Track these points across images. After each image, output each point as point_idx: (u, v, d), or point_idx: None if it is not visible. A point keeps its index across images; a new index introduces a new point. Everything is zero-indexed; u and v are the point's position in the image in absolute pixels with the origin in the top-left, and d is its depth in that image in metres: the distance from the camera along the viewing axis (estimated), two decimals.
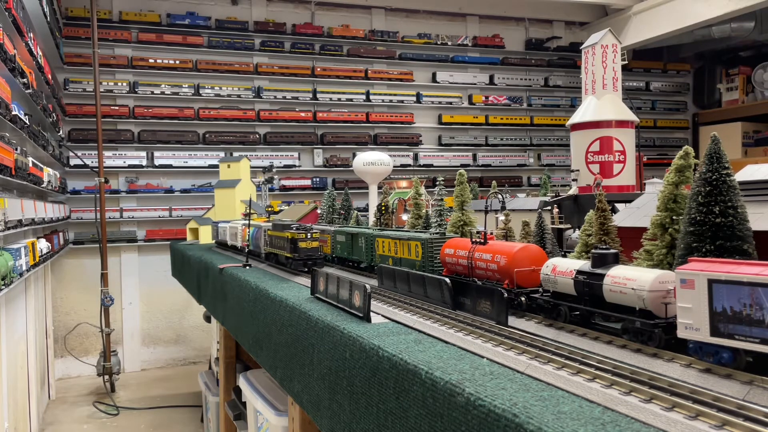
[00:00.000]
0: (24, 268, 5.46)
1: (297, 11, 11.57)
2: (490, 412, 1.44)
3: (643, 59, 13.65)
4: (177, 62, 10.57)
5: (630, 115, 5.48)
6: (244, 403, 5.00)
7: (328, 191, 6.10)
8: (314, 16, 11.65)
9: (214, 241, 7.28)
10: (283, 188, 11.10)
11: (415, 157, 12.06)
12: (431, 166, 12.08)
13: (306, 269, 3.89)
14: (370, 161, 5.85)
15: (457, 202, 3.37)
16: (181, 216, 10.39)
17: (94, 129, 9.51)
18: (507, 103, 12.67)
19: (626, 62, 5.69)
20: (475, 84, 12.49)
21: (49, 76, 7.87)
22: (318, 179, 11.35)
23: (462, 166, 12.04)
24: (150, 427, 7.88)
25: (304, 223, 5.79)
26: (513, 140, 12.75)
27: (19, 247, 5.39)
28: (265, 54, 11.19)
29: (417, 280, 2.84)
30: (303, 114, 11.26)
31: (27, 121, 5.80)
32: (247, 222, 5.49)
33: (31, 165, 5.87)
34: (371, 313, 2.52)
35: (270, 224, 4.73)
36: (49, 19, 7.49)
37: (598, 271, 2.06)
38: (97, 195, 9.40)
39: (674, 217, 2.16)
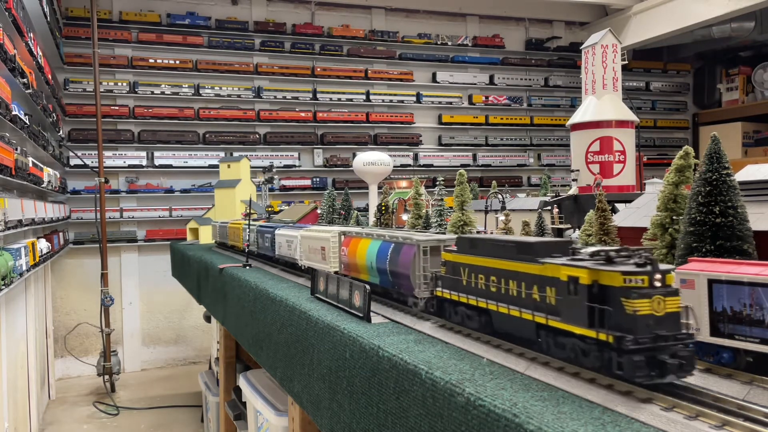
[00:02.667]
0: (24, 268, 5.46)
1: (297, 11, 11.57)
2: (490, 412, 1.44)
3: (643, 59, 13.65)
4: (177, 62, 10.57)
5: (630, 115, 5.49)
6: (244, 403, 5.00)
7: (328, 191, 6.10)
8: (314, 16, 11.65)
9: (220, 245, 7.19)
10: (283, 188, 11.10)
11: (415, 157, 12.06)
12: (431, 166, 12.08)
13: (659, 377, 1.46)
14: (370, 161, 5.84)
15: (457, 202, 3.36)
16: (181, 216, 10.39)
17: (94, 129, 9.51)
18: (507, 103, 12.67)
19: (626, 62, 5.70)
20: (475, 84, 12.48)
21: (49, 76, 7.87)
22: (318, 179, 11.35)
23: (462, 166, 12.04)
24: (150, 427, 7.88)
25: (304, 223, 5.79)
26: (513, 140, 12.75)
27: (19, 247, 5.39)
28: (265, 54, 11.19)
29: None
30: (303, 114, 11.26)
31: (27, 121, 5.80)
32: (348, 229, 3.40)
33: (31, 165, 5.87)
34: (371, 313, 2.52)
35: (455, 237, 2.43)
36: (49, 19, 7.48)
37: None
38: (97, 195, 9.39)
39: (674, 217, 2.16)
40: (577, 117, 5.59)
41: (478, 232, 3.15)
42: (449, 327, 2.21)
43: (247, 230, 5.08)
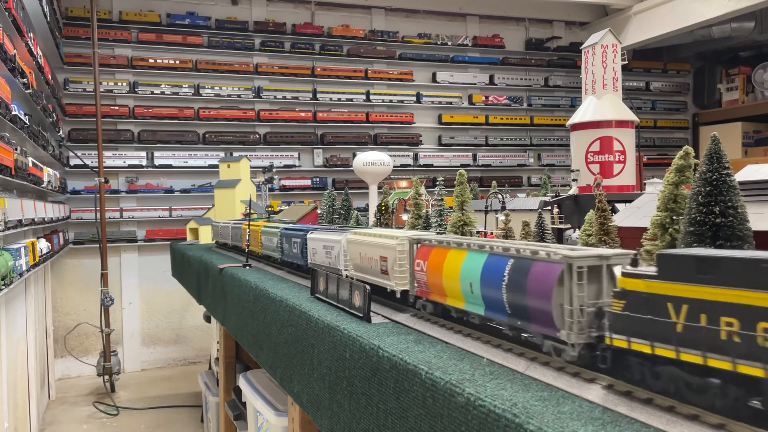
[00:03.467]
0: (24, 268, 5.46)
1: (297, 11, 11.57)
2: (490, 412, 1.44)
3: (643, 59, 13.66)
4: (177, 62, 10.58)
5: (630, 115, 5.49)
6: (244, 403, 5.00)
7: (328, 191, 6.10)
8: (314, 16, 11.65)
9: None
10: (283, 188, 11.10)
11: (415, 157, 12.06)
12: (431, 166, 12.08)
13: None
14: (370, 161, 5.84)
15: (457, 202, 3.36)
16: (181, 216, 10.39)
17: (94, 129, 9.51)
18: (507, 103, 12.67)
19: (626, 62, 5.70)
20: (475, 84, 12.49)
21: (49, 76, 7.87)
22: (318, 179, 11.35)
23: (462, 166, 12.05)
24: (150, 427, 7.88)
25: (304, 223, 5.79)
26: (513, 140, 12.76)
27: (19, 247, 5.39)
28: (265, 54, 11.19)
29: None
30: (303, 114, 11.27)
31: (27, 121, 5.80)
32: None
33: (31, 165, 5.87)
34: (371, 313, 2.52)
35: None
36: (49, 19, 7.49)
37: None
38: (97, 195, 9.40)
39: (674, 217, 2.16)
40: (577, 117, 5.60)
41: (478, 233, 3.14)
42: (647, 398, 1.40)
43: (248, 230, 5.07)
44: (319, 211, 6.36)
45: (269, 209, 6.84)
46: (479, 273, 1.94)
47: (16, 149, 5.15)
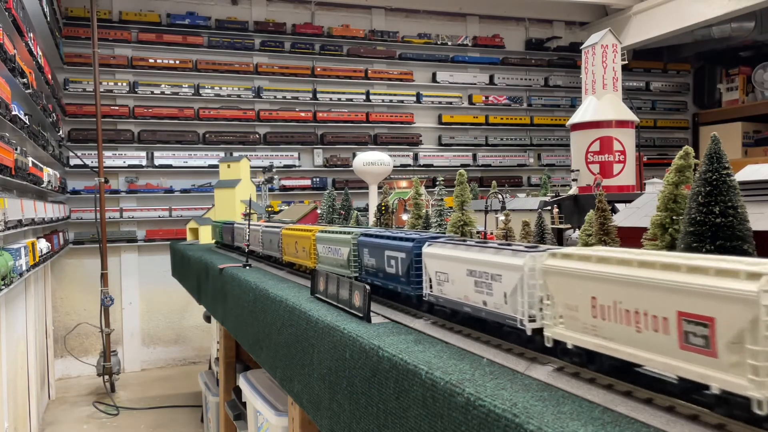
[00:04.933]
0: (24, 268, 5.46)
1: (297, 11, 11.57)
2: (490, 412, 1.44)
3: (643, 59, 13.65)
4: (177, 62, 10.57)
5: (630, 115, 5.49)
6: (244, 403, 5.00)
7: (328, 191, 6.10)
8: (314, 16, 11.65)
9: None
10: (283, 188, 11.10)
11: (415, 157, 12.06)
12: (431, 166, 12.08)
13: None
14: (370, 161, 5.85)
15: (457, 202, 3.36)
16: (181, 216, 10.39)
17: (94, 129, 9.51)
18: (507, 103, 12.67)
19: (626, 62, 5.70)
20: (475, 84, 12.48)
21: (49, 76, 7.87)
22: (318, 179, 11.35)
23: (462, 166, 12.04)
24: (150, 427, 7.88)
25: (304, 223, 5.79)
26: (513, 140, 12.76)
27: (19, 247, 5.39)
28: (265, 54, 11.19)
29: None
30: (303, 114, 11.26)
31: (27, 121, 5.80)
32: None
33: (31, 165, 5.87)
34: (371, 314, 2.52)
35: None
36: (49, 19, 7.48)
37: None
38: (97, 195, 9.39)
39: (674, 217, 2.16)
40: (577, 117, 5.60)
41: (478, 233, 3.14)
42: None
43: (247, 230, 5.05)
44: (319, 211, 6.36)
45: (269, 209, 6.84)
46: None
47: (16, 149, 5.15)
